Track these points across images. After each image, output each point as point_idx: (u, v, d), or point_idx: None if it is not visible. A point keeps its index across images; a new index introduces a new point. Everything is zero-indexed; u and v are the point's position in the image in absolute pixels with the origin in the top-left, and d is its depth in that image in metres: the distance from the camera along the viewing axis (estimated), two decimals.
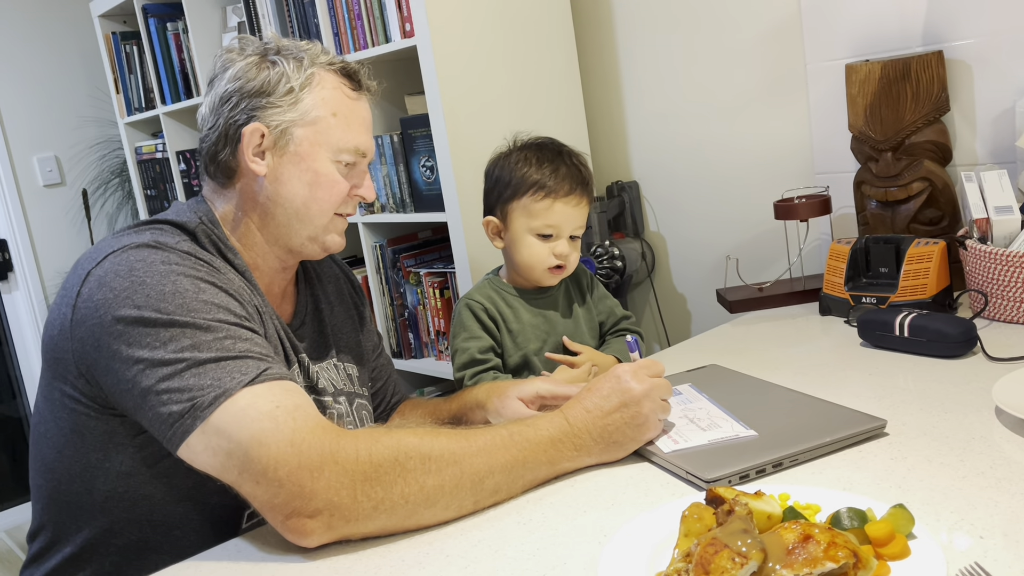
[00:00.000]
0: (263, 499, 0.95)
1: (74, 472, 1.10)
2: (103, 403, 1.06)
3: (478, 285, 1.54)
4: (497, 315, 1.49)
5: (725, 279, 1.91)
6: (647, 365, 1.11)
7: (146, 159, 3.33)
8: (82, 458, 1.09)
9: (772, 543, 0.74)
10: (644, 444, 1.10)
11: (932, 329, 1.31)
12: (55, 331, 1.07)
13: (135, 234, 1.10)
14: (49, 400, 1.11)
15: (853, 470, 0.99)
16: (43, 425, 1.13)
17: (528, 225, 1.45)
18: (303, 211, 1.19)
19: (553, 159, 1.45)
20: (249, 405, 0.96)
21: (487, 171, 1.52)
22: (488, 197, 1.52)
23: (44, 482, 1.14)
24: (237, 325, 1.04)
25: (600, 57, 2.23)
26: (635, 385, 1.08)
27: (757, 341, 1.57)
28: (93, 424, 1.08)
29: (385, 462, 0.96)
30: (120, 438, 1.08)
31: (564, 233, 1.46)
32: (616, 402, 1.07)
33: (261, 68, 1.17)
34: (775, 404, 1.19)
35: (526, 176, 1.44)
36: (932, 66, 1.58)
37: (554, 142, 1.51)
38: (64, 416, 1.09)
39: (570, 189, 1.44)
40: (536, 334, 1.51)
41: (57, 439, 1.11)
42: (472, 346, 1.46)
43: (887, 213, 1.67)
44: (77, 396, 1.07)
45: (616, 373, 1.10)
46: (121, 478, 1.09)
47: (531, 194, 1.44)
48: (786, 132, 1.92)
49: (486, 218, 1.51)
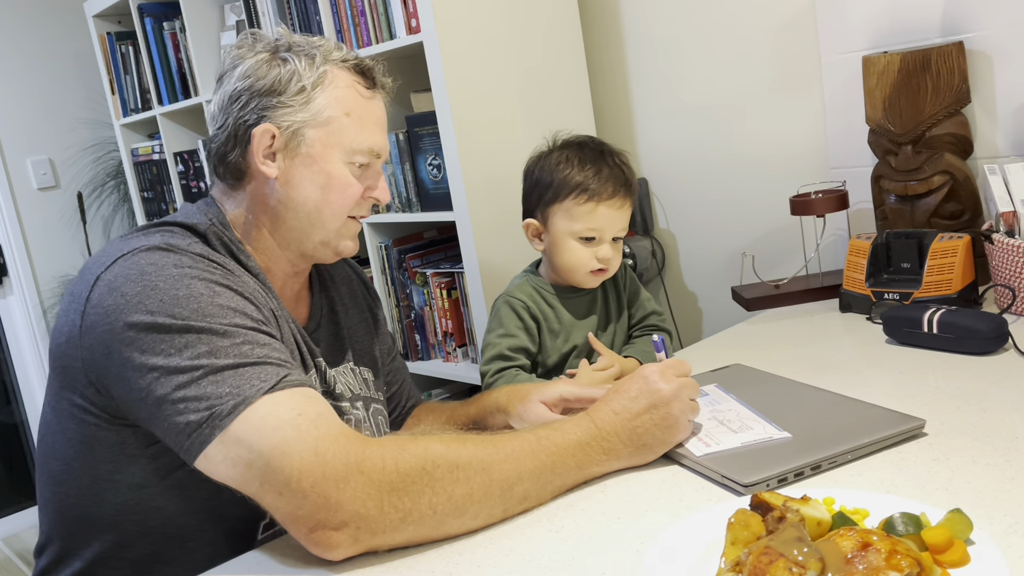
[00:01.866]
0: (286, 511, 0.91)
1: (83, 485, 1.06)
2: (114, 413, 1.02)
3: (517, 282, 1.50)
4: (539, 314, 1.45)
5: (741, 276, 1.87)
6: (674, 365, 1.08)
7: (143, 161, 3.28)
8: (91, 470, 1.05)
9: (829, 551, 0.70)
10: (674, 447, 1.06)
11: (963, 326, 1.28)
12: (63, 339, 1.03)
13: (144, 236, 1.06)
14: (56, 410, 1.07)
15: (894, 472, 0.96)
16: (50, 436, 1.09)
17: (570, 229, 1.41)
18: (315, 215, 1.16)
19: (595, 160, 1.40)
20: (270, 413, 0.92)
21: (526, 172, 1.48)
22: (528, 199, 1.47)
23: (52, 495, 1.10)
24: (254, 330, 1.00)
25: (607, 52, 2.20)
26: (663, 386, 1.04)
27: (777, 339, 1.53)
28: (103, 435, 1.04)
29: (412, 471, 0.92)
30: (131, 449, 1.04)
31: (607, 236, 1.41)
32: (644, 403, 1.04)
33: (272, 66, 1.13)
34: (806, 404, 1.15)
35: (568, 178, 1.39)
36: (952, 57, 1.55)
37: (595, 140, 1.46)
38: (72, 427, 1.05)
39: (613, 191, 1.39)
40: (577, 333, 1.47)
41: (65, 451, 1.07)
42: (503, 343, 1.42)
43: (906, 207, 1.64)
44: (86, 406, 1.03)
45: (643, 374, 1.06)
46: (132, 490, 1.05)
47: (573, 197, 1.39)
48: (799, 127, 1.89)
49: (526, 220, 1.47)
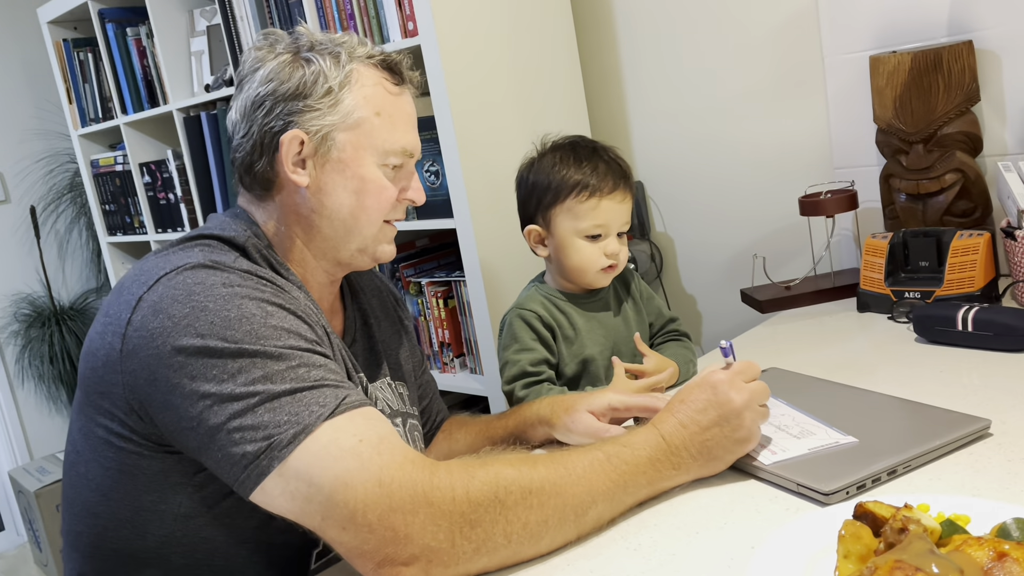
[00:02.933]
0: (351, 545, 0.86)
1: (123, 517, 0.99)
2: (157, 441, 0.96)
3: (527, 294, 1.47)
4: (553, 323, 1.41)
5: (752, 278, 1.87)
6: (743, 370, 1.04)
7: (104, 172, 3.16)
8: (133, 501, 0.99)
9: (963, 563, 0.68)
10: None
11: (1000, 323, 1.28)
12: (98, 363, 0.96)
13: (184, 252, 1.00)
14: (89, 437, 1.00)
15: (972, 474, 0.95)
16: (83, 466, 1.01)
17: (575, 228, 1.38)
18: (351, 222, 1.11)
19: (590, 156, 1.39)
20: (331, 441, 0.87)
21: (520, 179, 1.45)
22: (525, 206, 1.44)
23: (85, 528, 1.02)
24: (309, 351, 0.94)
25: (601, 54, 2.18)
26: (735, 396, 1.00)
27: (800, 341, 1.52)
28: (146, 464, 0.97)
29: (484, 499, 0.87)
30: (176, 477, 0.98)
31: (612, 231, 1.40)
32: (714, 416, 1.00)
33: (295, 67, 1.07)
34: (860, 407, 1.14)
35: (567, 178, 1.37)
36: (963, 56, 1.56)
37: (584, 139, 1.45)
38: (110, 456, 0.98)
39: (614, 185, 1.38)
40: (592, 339, 1.44)
41: (101, 481, 1.00)
42: (523, 358, 1.38)
43: (918, 206, 1.65)
44: (126, 434, 0.96)
45: (711, 382, 1.02)
46: (179, 521, 0.99)
47: (575, 195, 1.37)
48: (802, 128, 1.89)
49: (527, 228, 1.44)
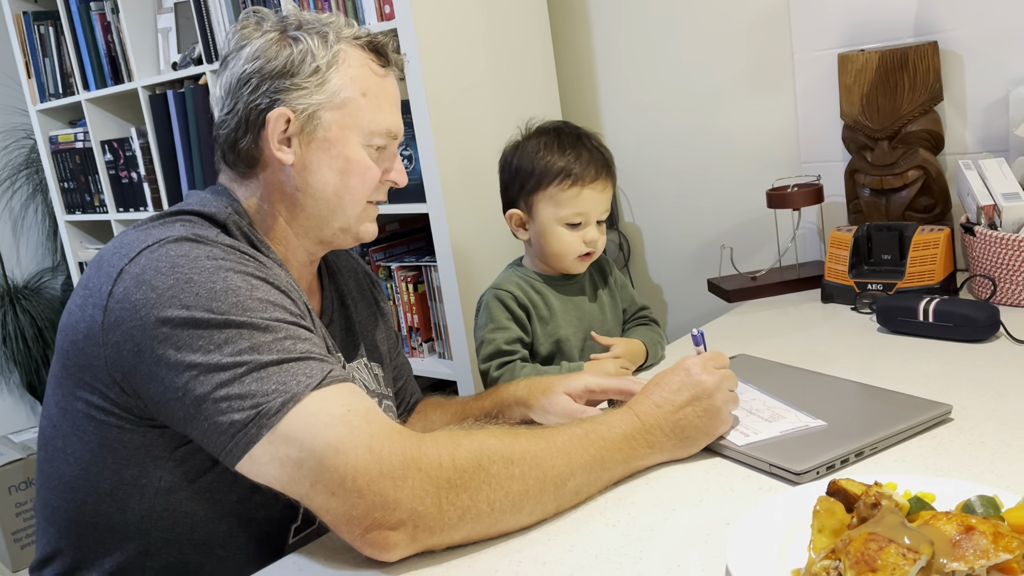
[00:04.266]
0: (339, 511, 0.87)
1: (103, 491, 0.99)
2: (139, 414, 0.95)
3: (504, 276, 1.49)
4: (528, 303, 1.43)
5: (719, 268, 1.90)
6: (714, 357, 1.08)
7: (63, 149, 3.10)
8: (113, 475, 0.98)
9: (933, 536, 0.72)
10: (715, 439, 1.07)
11: (959, 314, 1.33)
12: (79, 335, 0.96)
13: (164, 227, 1.00)
14: (68, 412, 0.99)
15: (935, 456, 0.99)
16: (60, 440, 1.01)
17: (556, 215, 1.40)
18: (335, 201, 1.11)
19: (574, 144, 1.41)
20: (320, 410, 0.88)
21: (503, 162, 1.46)
22: (508, 189, 1.46)
23: (63, 503, 1.02)
24: (294, 324, 0.95)
25: (574, 42, 2.20)
26: (706, 378, 1.04)
27: (767, 330, 1.56)
28: (127, 438, 0.97)
29: (469, 467, 0.90)
30: (158, 451, 0.98)
31: (593, 219, 1.42)
32: (687, 396, 1.04)
33: (283, 46, 1.08)
34: (828, 393, 1.18)
35: (550, 164, 1.39)
36: (928, 56, 1.61)
37: (569, 125, 1.46)
38: (90, 429, 0.98)
39: (596, 174, 1.40)
40: (567, 320, 1.46)
41: (80, 455, 0.99)
42: (499, 337, 1.40)
43: (881, 201, 1.69)
44: (107, 407, 0.96)
45: (685, 366, 1.06)
46: (160, 495, 0.99)
47: (557, 183, 1.39)
48: (771, 122, 1.92)
49: (509, 211, 1.45)
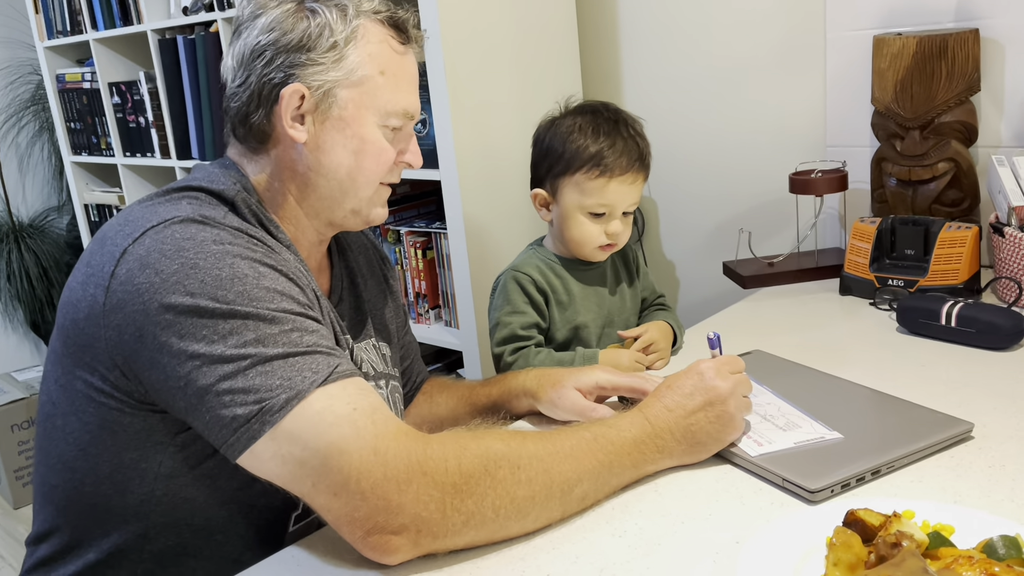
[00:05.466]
0: (341, 512, 0.85)
1: (102, 473, 0.97)
2: (140, 398, 0.93)
3: (524, 256, 1.44)
4: (547, 287, 1.39)
5: (737, 251, 1.86)
6: (729, 362, 1.05)
7: (70, 88, 3.04)
8: (113, 458, 0.96)
9: None
10: (727, 445, 1.04)
11: (983, 320, 1.29)
12: (80, 314, 0.93)
13: (171, 204, 0.96)
14: (68, 390, 0.97)
15: (953, 479, 0.96)
16: (60, 419, 0.99)
17: (580, 203, 1.35)
18: (347, 182, 1.07)
19: (610, 131, 1.34)
20: (325, 408, 0.86)
21: (536, 138, 1.41)
22: (537, 168, 1.41)
23: (61, 482, 1.00)
24: (301, 315, 0.92)
25: (599, 12, 2.12)
26: (720, 383, 1.02)
27: (783, 322, 1.52)
28: (128, 421, 0.95)
29: (475, 472, 0.87)
30: (159, 436, 0.96)
31: (618, 212, 1.36)
32: (700, 400, 1.01)
33: (299, 18, 1.03)
34: (846, 401, 1.15)
35: (580, 150, 1.33)
36: (968, 44, 1.54)
37: (609, 108, 1.39)
38: (90, 410, 0.96)
39: (627, 165, 1.34)
40: (586, 306, 1.43)
41: (80, 435, 0.97)
42: (515, 321, 1.37)
43: (908, 192, 1.64)
44: (108, 389, 0.94)
45: (699, 370, 1.03)
46: (160, 480, 0.97)
47: (585, 171, 1.33)
48: (798, 102, 1.86)
49: (534, 191, 1.41)
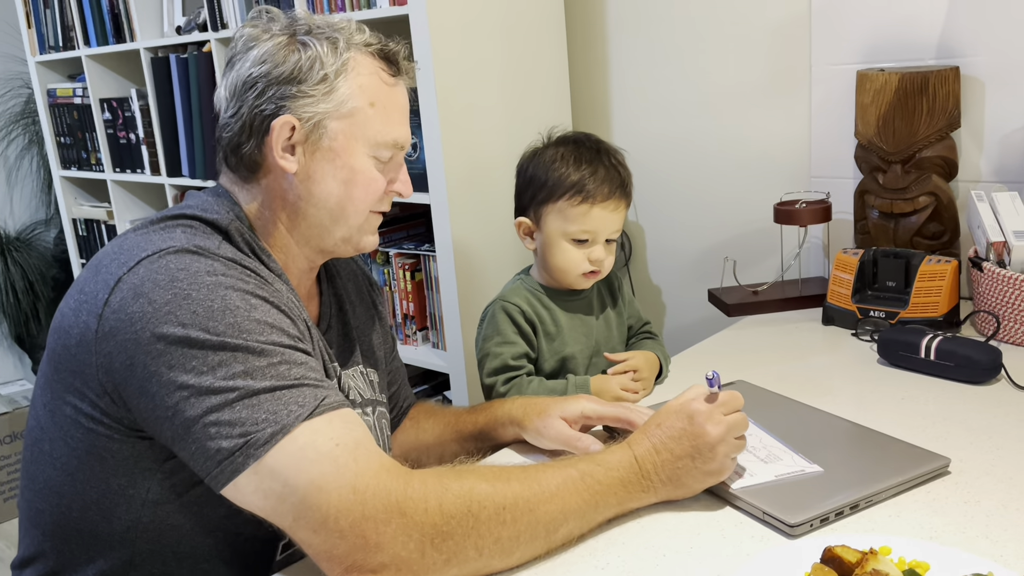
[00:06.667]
0: (320, 549, 0.86)
1: (89, 499, 0.98)
2: (129, 425, 0.94)
3: (511, 287, 1.46)
4: (535, 318, 1.41)
5: (722, 279, 1.88)
6: (725, 402, 1.03)
7: (61, 103, 3.05)
8: (100, 484, 0.97)
9: None
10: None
11: (961, 355, 1.31)
12: (71, 340, 0.94)
13: (165, 233, 0.98)
14: (56, 415, 0.98)
15: (930, 515, 0.98)
16: (48, 444, 0.99)
17: (564, 230, 1.37)
18: (337, 211, 1.09)
19: (592, 160, 1.37)
20: (308, 444, 0.87)
21: (520, 168, 1.43)
22: (520, 197, 1.43)
23: (48, 507, 1.01)
24: (291, 348, 0.93)
25: (589, 40, 2.15)
26: (710, 428, 1.00)
27: (768, 351, 1.54)
28: (116, 447, 0.96)
29: (457, 513, 0.88)
30: (147, 463, 0.96)
31: (601, 238, 1.39)
32: (688, 446, 1.01)
33: (291, 51, 1.04)
34: (826, 432, 1.17)
35: (563, 177, 1.36)
36: (949, 82, 1.58)
37: (591, 138, 1.42)
38: (78, 436, 0.96)
39: (609, 193, 1.36)
40: (574, 337, 1.44)
41: (68, 461, 0.98)
42: (506, 351, 1.38)
43: (889, 224, 1.67)
44: (96, 416, 0.94)
45: (689, 412, 1.02)
46: (147, 507, 0.98)
47: (568, 198, 1.36)
48: (783, 133, 1.90)
49: (518, 219, 1.43)
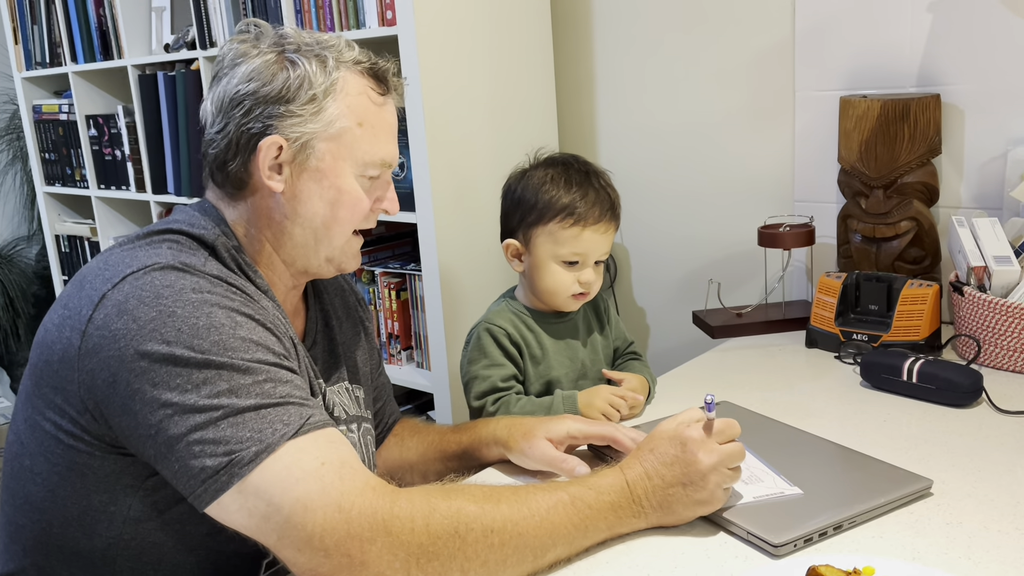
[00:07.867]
0: (305, 567, 0.86)
1: (70, 515, 0.97)
2: (110, 442, 0.93)
3: (496, 309, 1.46)
4: (520, 341, 1.41)
5: (706, 301, 1.90)
6: (721, 430, 1.02)
7: (47, 119, 3.04)
8: (81, 500, 0.96)
9: None
10: None
11: (943, 378, 1.33)
12: (54, 356, 0.94)
13: (152, 249, 0.98)
14: (36, 430, 0.97)
15: (913, 536, 0.99)
16: (28, 459, 0.98)
17: (554, 252, 1.37)
18: (322, 231, 1.09)
19: (582, 182, 1.37)
20: (293, 463, 0.86)
21: (506, 189, 1.43)
22: (508, 218, 1.43)
23: (28, 522, 1.00)
24: (276, 365, 0.93)
25: (576, 62, 2.17)
26: (703, 457, 0.99)
27: (751, 373, 1.55)
28: (97, 464, 0.95)
29: (444, 534, 0.87)
30: (128, 479, 0.96)
31: (590, 260, 1.39)
32: (679, 473, 1.00)
33: (280, 68, 1.04)
34: (809, 454, 1.17)
35: (554, 200, 1.35)
36: (930, 109, 1.60)
37: (579, 160, 1.42)
38: (59, 452, 0.96)
39: (600, 215, 1.36)
40: (559, 361, 1.44)
41: (48, 476, 0.97)
42: (494, 373, 1.38)
43: (872, 248, 1.69)
44: (77, 432, 0.94)
45: (683, 439, 1.01)
46: (128, 524, 0.97)
47: (558, 220, 1.35)
48: (767, 157, 1.92)
49: (506, 241, 1.43)
